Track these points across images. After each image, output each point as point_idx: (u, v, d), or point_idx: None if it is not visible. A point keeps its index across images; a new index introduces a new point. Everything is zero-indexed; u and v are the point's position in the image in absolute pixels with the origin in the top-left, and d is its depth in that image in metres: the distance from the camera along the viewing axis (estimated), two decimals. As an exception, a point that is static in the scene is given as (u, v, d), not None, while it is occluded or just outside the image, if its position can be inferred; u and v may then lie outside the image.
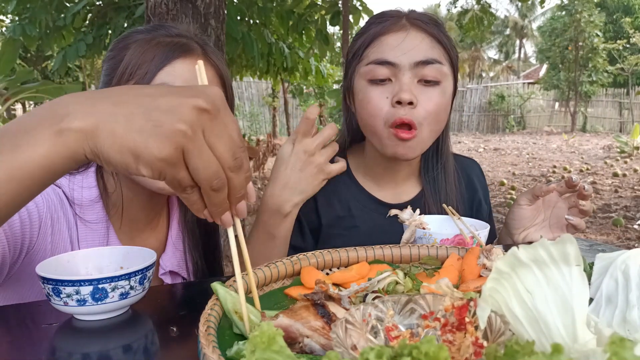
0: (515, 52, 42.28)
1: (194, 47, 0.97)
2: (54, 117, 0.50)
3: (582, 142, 15.44)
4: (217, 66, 0.99)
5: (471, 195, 1.29)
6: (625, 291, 0.56)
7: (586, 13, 20.07)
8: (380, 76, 1.07)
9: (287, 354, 0.39)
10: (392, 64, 1.06)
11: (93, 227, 0.97)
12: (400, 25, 1.09)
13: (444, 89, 1.09)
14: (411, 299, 0.55)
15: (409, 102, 1.04)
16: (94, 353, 0.62)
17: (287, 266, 0.78)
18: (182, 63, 0.93)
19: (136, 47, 0.94)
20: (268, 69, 6.70)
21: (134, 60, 0.92)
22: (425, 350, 0.35)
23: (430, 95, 1.07)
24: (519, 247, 0.46)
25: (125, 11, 4.84)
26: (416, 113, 1.06)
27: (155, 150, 0.48)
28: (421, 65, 1.06)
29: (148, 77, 0.91)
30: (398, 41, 1.07)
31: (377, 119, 1.08)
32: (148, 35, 0.96)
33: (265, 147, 9.70)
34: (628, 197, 6.54)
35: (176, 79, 0.91)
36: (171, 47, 0.93)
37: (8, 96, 5.49)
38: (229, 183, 0.53)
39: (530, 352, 0.36)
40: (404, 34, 1.08)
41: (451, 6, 20.72)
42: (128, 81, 0.92)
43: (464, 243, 0.95)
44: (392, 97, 1.06)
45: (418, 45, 1.07)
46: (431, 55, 1.07)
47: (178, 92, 0.51)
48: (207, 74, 0.95)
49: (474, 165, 1.37)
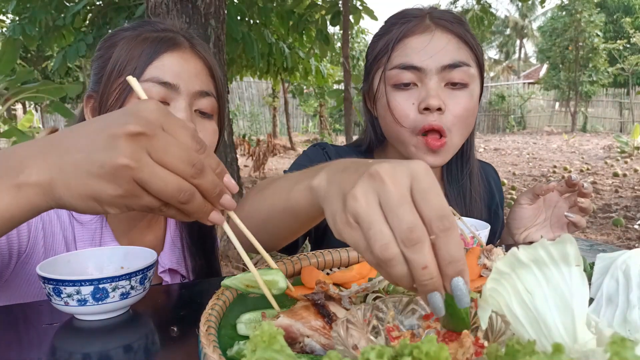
0: (516, 52, 42.27)
1: (181, 40, 0.97)
2: (10, 171, 0.51)
3: (582, 142, 15.44)
4: (205, 58, 1.00)
5: (489, 200, 1.28)
6: (626, 291, 0.56)
7: (586, 13, 20.06)
8: (406, 80, 1.03)
9: (287, 354, 0.39)
10: (418, 69, 1.02)
11: (88, 226, 0.97)
12: (425, 26, 1.04)
13: (471, 91, 1.05)
14: (412, 300, 0.55)
15: (437, 109, 1.00)
16: (94, 353, 0.62)
17: (288, 266, 0.78)
18: (170, 57, 0.94)
19: (123, 44, 0.94)
20: (268, 69, 6.71)
21: (122, 57, 0.93)
22: (426, 350, 0.35)
23: (458, 99, 1.03)
24: (519, 248, 0.46)
25: (126, 11, 4.85)
26: (445, 119, 1.02)
27: (110, 190, 0.49)
28: (449, 69, 1.02)
29: (137, 72, 0.91)
30: (423, 44, 1.02)
31: (405, 124, 1.04)
32: (134, 32, 0.96)
33: (266, 147, 9.70)
34: (628, 197, 6.54)
35: (165, 72, 0.92)
36: (158, 41, 0.94)
37: (8, 96, 5.49)
38: (198, 188, 0.52)
39: (531, 352, 0.36)
40: (429, 35, 1.03)
41: (451, 6, 20.69)
42: (117, 78, 0.92)
43: (465, 243, 0.95)
44: (418, 102, 1.02)
45: (445, 48, 1.02)
46: (458, 57, 1.03)
47: (110, 123, 0.50)
48: (196, 66, 0.97)
49: (491, 169, 1.35)
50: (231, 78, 7.10)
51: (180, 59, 0.95)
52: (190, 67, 0.96)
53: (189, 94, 0.94)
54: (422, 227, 0.44)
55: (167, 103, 0.93)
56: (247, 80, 17.29)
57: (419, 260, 0.43)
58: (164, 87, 0.92)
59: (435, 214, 0.44)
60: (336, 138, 14.23)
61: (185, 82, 0.94)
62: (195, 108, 0.96)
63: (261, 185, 0.84)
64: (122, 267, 0.82)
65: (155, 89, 0.91)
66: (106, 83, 0.93)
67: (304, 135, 18.18)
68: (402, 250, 0.44)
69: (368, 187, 0.46)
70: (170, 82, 0.92)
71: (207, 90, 0.97)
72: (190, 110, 0.94)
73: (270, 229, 0.75)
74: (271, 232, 0.75)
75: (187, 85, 0.94)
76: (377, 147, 1.23)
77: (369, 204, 0.46)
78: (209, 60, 1.01)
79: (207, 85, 0.99)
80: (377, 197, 0.46)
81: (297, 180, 0.65)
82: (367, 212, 0.45)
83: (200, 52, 1.00)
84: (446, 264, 0.44)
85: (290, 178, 0.70)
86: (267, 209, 0.73)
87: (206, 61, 1.00)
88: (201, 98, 0.96)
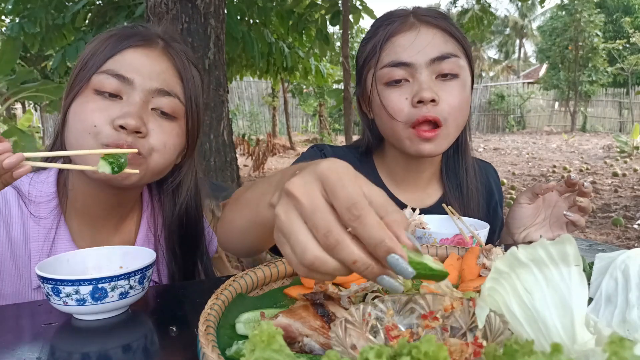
0: (515, 51, 42.28)
1: (153, 39, 0.96)
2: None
3: (581, 141, 15.44)
4: (176, 60, 0.97)
5: (489, 199, 1.28)
6: (625, 291, 0.56)
7: (586, 13, 20.06)
8: (397, 77, 1.05)
9: (286, 353, 0.39)
10: (408, 64, 1.05)
11: (42, 223, 0.95)
12: (410, 24, 1.07)
13: (463, 81, 1.08)
14: (411, 299, 0.55)
15: (431, 100, 1.02)
16: (93, 353, 0.62)
17: (287, 266, 0.78)
18: (133, 52, 0.93)
19: (97, 40, 0.96)
20: (268, 68, 6.70)
21: (90, 52, 0.94)
22: (424, 349, 0.35)
23: (451, 89, 1.05)
24: (518, 247, 0.46)
25: (125, 10, 4.84)
26: (440, 109, 1.04)
27: None
28: (437, 61, 1.04)
29: (96, 64, 0.91)
30: (410, 40, 1.05)
31: (399, 118, 1.06)
32: (114, 31, 0.97)
33: (265, 147, 9.70)
34: (628, 197, 6.54)
35: (123, 66, 0.91)
36: (124, 36, 0.94)
37: (8, 96, 5.49)
38: None
39: (529, 352, 0.36)
40: (415, 32, 1.06)
41: (451, 6, 20.70)
42: (80, 72, 0.93)
43: (464, 243, 0.95)
44: (412, 97, 1.04)
45: (431, 42, 1.05)
46: (446, 49, 1.05)
47: None
48: (161, 65, 0.95)
49: (489, 167, 1.36)
50: (231, 77, 7.10)
51: (143, 55, 0.94)
52: (154, 64, 0.94)
53: (145, 90, 0.92)
54: (336, 226, 0.45)
55: (120, 97, 0.91)
56: (246, 80, 17.28)
57: (346, 259, 0.45)
58: (118, 79, 0.90)
59: (344, 206, 0.45)
60: (336, 138, 14.22)
61: (142, 77, 0.92)
62: (152, 106, 0.93)
63: (235, 195, 0.85)
64: (120, 266, 0.82)
65: (108, 81, 0.90)
66: (72, 75, 0.95)
67: (304, 135, 18.18)
68: (329, 254, 0.46)
69: (286, 204, 0.49)
70: (124, 75, 0.90)
71: (167, 89, 0.94)
72: (145, 107, 0.92)
73: (249, 239, 0.77)
74: (251, 241, 0.78)
75: (144, 81, 0.92)
76: (375, 149, 1.24)
77: (289, 219, 0.48)
78: (179, 64, 0.98)
79: (171, 86, 0.95)
80: (296, 211, 0.48)
81: (264, 192, 0.68)
82: (287, 225, 0.48)
83: (172, 53, 0.98)
84: (372, 248, 0.45)
85: (258, 189, 0.73)
86: (242, 222, 0.76)
87: (176, 63, 0.98)
88: (160, 97, 0.93)
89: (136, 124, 0.88)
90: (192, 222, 1.09)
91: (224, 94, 3.50)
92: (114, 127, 0.88)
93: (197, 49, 3.26)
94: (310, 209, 0.46)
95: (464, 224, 1.01)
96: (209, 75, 3.35)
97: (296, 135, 16.92)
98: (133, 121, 0.87)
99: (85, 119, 0.89)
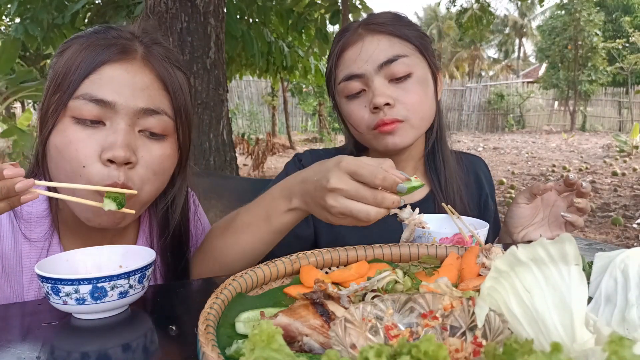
0: (515, 51, 42.28)
1: (132, 48, 0.87)
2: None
3: (581, 141, 15.44)
4: (158, 70, 0.89)
5: (478, 192, 1.30)
6: (625, 290, 0.56)
7: (585, 12, 20.05)
8: (354, 90, 1.11)
9: (286, 353, 0.39)
10: (360, 75, 1.10)
11: (35, 244, 0.91)
12: (357, 36, 1.12)
13: (417, 78, 1.11)
14: (410, 298, 0.55)
15: (386, 104, 1.07)
16: (93, 352, 0.62)
17: (287, 265, 0.78)
18: (111, 68, 0.84)
19: (69, 53, 0.86)
20: (267, 67, 6.70)
21: (62, 68, 0.85)
22: (424, 349, 0.35)
23: (405, 89, 1.10)
24: (518, 246, 0.46)
25: (125, 10, 4.84)
26: (396, 111, 1.09)
27: None
28: (386, 65, 1.09)
29: (71, 88, 0.83)
30: (357, 52, 1.11)
31: (361, 128, 1.13)
32: (88, 38, 0.87)
33: (265, 146, 9.70)
34: (627, 196, 6.54)
35: (101, 87, 0.83)
36: (101, 49, 0.85)
37: (7, 95, 5.48)
38: None
39: (529, 351, 0.36)
40: (360, 43, 1.11)
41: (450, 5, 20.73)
42: (54, 95, 0.85)
43: (463, 242, 0.95)
44: (369, 104, 1.09)
45: (377, 49, 1.10)
46: (392, 52, 1.09)
47: None
48: (143, 79, 0.87)
49: (479, 161, 1.38)
50: (230, 77, 7.10)
51: (123, 71, 0.85)
52: (136, 80, 0.85)
53: (129, 113, 0.84)
54: (373, 191, 0.75)
55: (103, 123, 0.84)
56: (246, 79, 17.27)
57: (389, 204, 0.75)
58: (97, 105, 0.82)
59: (369, 179, 0.74)
60: (335, 137, 14.21)
61: (125, 98, 0.84)
62: (140, 128, 0.86)
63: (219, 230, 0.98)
64: (120, 265, 0.82)
65: (87, 107, 0.82)
66: (46, 95, 0.87)
67: (303, 134, 18.17)
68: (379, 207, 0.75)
69: (334, 196, 0.77)
70: (104, 99, 0.82)
71: (153, 107, 0.86)
72: (131, 131, 0.85)
73: (253, 254, 0.94)
74: (249, 258, 0.94)
75: (128, 102, 0.84)
76: (362, 151, 1.28)
77: (344, 202, 0.76)
78: (163, 73, 0.90)
79: (156, 102, 0.87)
80: (343, 196, 0.76)
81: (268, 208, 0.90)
82: (345, 206, 0.76)
83: (153, 62, 0.89)
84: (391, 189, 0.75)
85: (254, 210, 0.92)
86: (245, 241, 0.92)
87: (159, 74, 0.89)
88: (147, 116, 0.86)
89: (125, 156, 0.81)
90: (184, 231, 1.06)
91: (224, 93, 3.50)
92: (102, 162, 0.82)
93: (197, 48, 3.26)
94: (355, 190, 0.75)
95: (464, 223, 1.01)
96: (209, 75, 3.35)
97: (296, 135, 16.92)
98: (122, 152, 0.81)
99: (72, 159, 0.82)
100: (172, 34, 3.17)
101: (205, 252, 0.99)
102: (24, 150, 5.29)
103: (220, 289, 0.65)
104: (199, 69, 3.32)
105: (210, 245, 0.98)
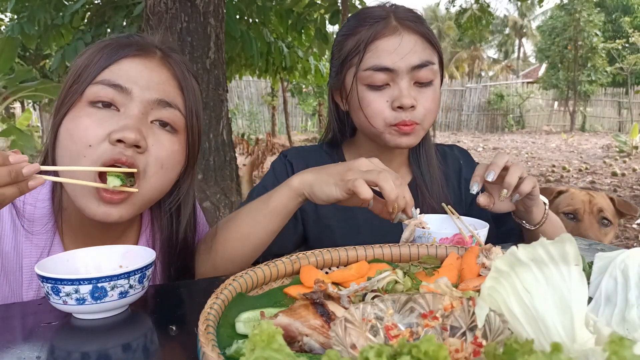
0: (515, 51, 42.29)
1: (150, 49, 0.91)
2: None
3: (581, 141, 15.44)
4: (176, 70, 0.93)
5: (459, 176, 1.32)
6: (625, 290, 0.56)
7: (585, 12, 20.06)
8: (379, 82, 1.11)
9: (286, 353, 0.39)
10: (391, 70, 1.10)
11: (36, 243, 0.91)
12: (393, 28, 1.11)
13: (435, 85, 1.15)
14: (411, 298, 0.55)
15: (410, 106, 1.09)
16: (93, 352, 0.62)
17: (287, 265, 0.78)
18: (130, 61, 0.88)
19: (90, 51, 0.90)
20: (267, 67, 6.69)
21: (83, 63, 0.88)
22: (424, 349, 0.35)
23: (426, 95, 1.13)
24: (518, 247, 0.46)
25: (124, 10, 4.84)
26: (416, 113, 1.11)
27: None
28: (417, 69, 1.10)
29: (91, 75, 0.86)
30: (394, 46, 1.10)
31: (378, 121, 1.12)
32: (108, 41, 0.91)
33: (265, 146, 9.70)
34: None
35: (120, 75, 0.86)
36: (119, 46, 0.89)
37: (7, 95, 5.48)
38: None
39: (529, 351, 0.36)
40: (399, 38, 1.10)
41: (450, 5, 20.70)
42: (72, 85, 0.87)
43: (463, 242, 0.95)
44: (392, 101, 1.10)
45: (413, 49, 1.10)
46: (425, 57, 1.11)
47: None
48: (161, 75, 0.90)
49: (456, 148, 1.41)
50: (230, 77, 7.09)
51: (142, 65, 0.88)
52: (153, 74, 0.89)
53: (144, 101, 0.86)
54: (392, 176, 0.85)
55: (116, 108, 0.86)
56: (246, 79, 17.26)
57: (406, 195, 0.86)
58: (114, 89, 0.85)
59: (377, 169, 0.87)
60: (335, 137, 14.20)
61: (141, 87, 0.86)
62: (152, 118, 0.88)
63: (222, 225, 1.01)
64: (120, 265, 0.82)
65: (104, 91, 0.84)
66: (64, 88, 0.89)
67: (303, 134, 18.17)
68: None
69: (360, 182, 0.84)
70: (122, 84, 0.85)
71: (168, 100, 0.89)
72: (144, 119, 0.86)
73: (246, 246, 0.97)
74: (248, 247, 0.97)
75: (143, 92, 0.86)
76: (344, 141, 1.30)
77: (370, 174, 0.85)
78: (179, 74, 0.93)
79: (171, 96, 0.90)
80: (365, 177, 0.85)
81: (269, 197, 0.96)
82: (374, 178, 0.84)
83: (171, 63, 0.92)
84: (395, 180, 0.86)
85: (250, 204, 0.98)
86: (242, 232, 0.96)
87: (176, 73, 0.93)
88: (160, 108, 0.88)
89: (135, 138, 0.82)
90: (189, 238, 1.05)
91: (223, 93, 3.50)
92: (110, 141, 0.82)
93: (197, 49, 3.26)
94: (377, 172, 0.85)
95: (464, 223, 1.01)
96: (209, 75, 3.35)
97: (296, 135, 16.91)
98: (132, 134, 0.82)
99: (79, 139, 0.83)
100: (171, 34, 3.17)
101: (210, 247, 1.00)
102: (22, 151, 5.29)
103: (220, 289, 0.65)
104: (198, 69, 3.31)
105: (215, 239, 0.99)
